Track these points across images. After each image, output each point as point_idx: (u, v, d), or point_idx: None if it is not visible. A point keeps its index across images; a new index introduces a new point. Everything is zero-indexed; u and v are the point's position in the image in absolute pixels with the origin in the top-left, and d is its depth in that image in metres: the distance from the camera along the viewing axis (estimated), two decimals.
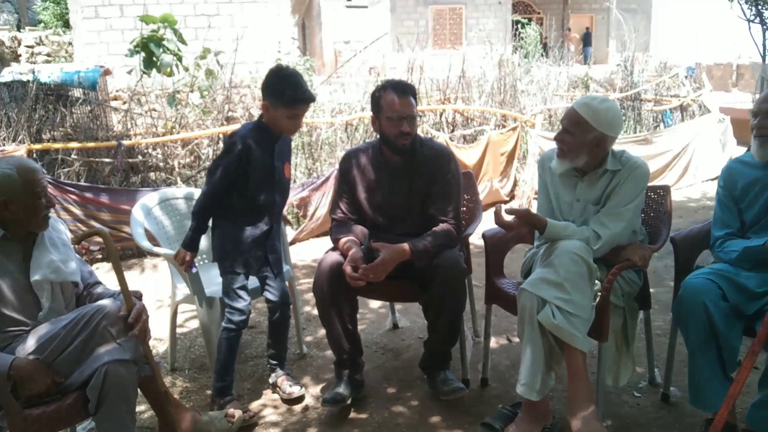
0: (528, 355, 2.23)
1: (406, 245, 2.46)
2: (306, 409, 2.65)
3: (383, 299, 3.44)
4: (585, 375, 2.16)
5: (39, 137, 5.02)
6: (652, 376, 2.72)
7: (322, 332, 3.06)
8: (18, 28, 16.74)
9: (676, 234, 2.52)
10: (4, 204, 1.95)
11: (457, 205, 2.66)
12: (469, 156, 6.20)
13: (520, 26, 8.49)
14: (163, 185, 5.01)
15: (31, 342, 1.94)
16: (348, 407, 2.60)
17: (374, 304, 3.76)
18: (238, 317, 2.55)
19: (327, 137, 6.00)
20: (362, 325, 3.48)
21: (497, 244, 2.74)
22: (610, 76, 8.37)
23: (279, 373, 2.76)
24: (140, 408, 2.60)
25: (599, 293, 2.27)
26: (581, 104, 2.33)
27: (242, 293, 2.56)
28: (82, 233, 2.41)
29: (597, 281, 2.28)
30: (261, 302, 3.18)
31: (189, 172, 5.37)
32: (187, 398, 2.79)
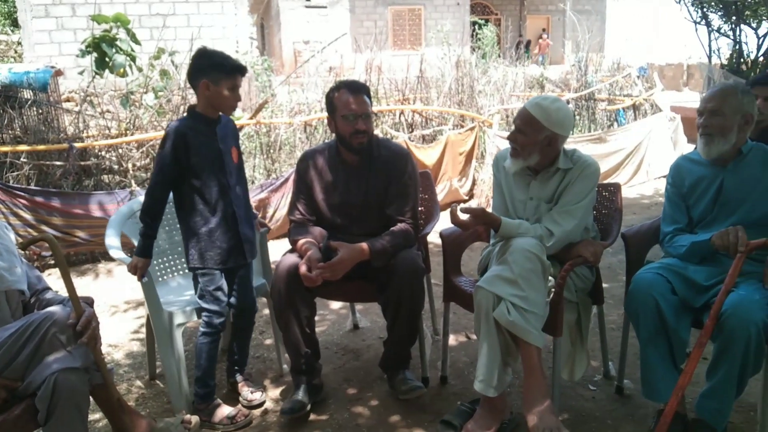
0: (485, 352, 2.26)
1: (365, 245, 2.47)
2: (266, 413, 2.62)
3: (342, 300, 3.44)
4: (540, 370, 2.20)
5: None
6: (607, 370, 2.79)
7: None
8: None
9: (627, 230, 2.59)
10: None
11: (415, 205, 2.68)
12: (429, 156, 6.24)
13: (477, 27, 8.59)
14: (117, 188, 4.90)
15: None
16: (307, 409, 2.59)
17: (335, 305, 3.75)
18: (218, 319, 2.52)
19: (286, 138, 5.96)
20: (322, 327, 3.47)
21: (454, 243, 2.76)
22: (566, 77, 8.54)
23: (239, 378, 2.73)
24: (94, 416, 2.54)
25: (553, 289, 2.31)
26: (533, 104, 2.37)
27: (219, 294, 2.52)
28: (28, 239, 2.33)
29: (551, 277, 2.32)
30: None
31: (144, 175, 5.26)
32: (144, 405, 2.73)
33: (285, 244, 2.74)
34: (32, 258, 3.95)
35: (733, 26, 4.92)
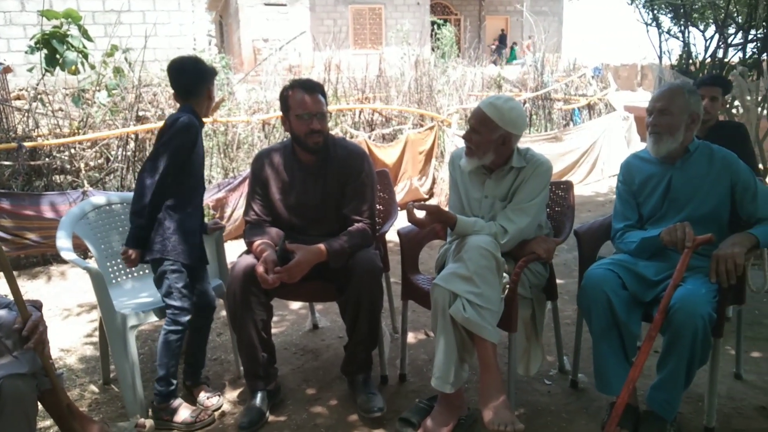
0: (441, 349, 2.28)
1: (322, 246, 2.45)
2: (223, 416, 2.59)
3: (301, 300, 3.42)
4: (495, 366, 2.23)
5: None
6: (562, 364, 2.84)
7: None
8: None
9: (579, 227, 2.64)
10: None
11: (372, 205, 2.68)
12: (389, 155, 6.26)
13: (437, 27, 8.65)
14: (69, 189, 4.77)
15: None
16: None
17: (294, 305, 3.73)
18: (185, 317, 2.48)
19: (245, 137, 5.90)
20: (281, 327, 3.45)
21: (412, 242, 2.77)
22: (523, 77, 8.66)
23: (196, 382, 2.69)
24: (45, 423, 2.47)
25: (507, 286, 2.34)
26: (487, 104, 2.40)
27: (186, 291, 2.49)
28: None
29: (505, 274, 2.35)
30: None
31: (97, 175, 5.14)
32: (98, 410, 2.67)
33: (243, 245, 2.70)
34: None
35: (683, 28, 5.07)
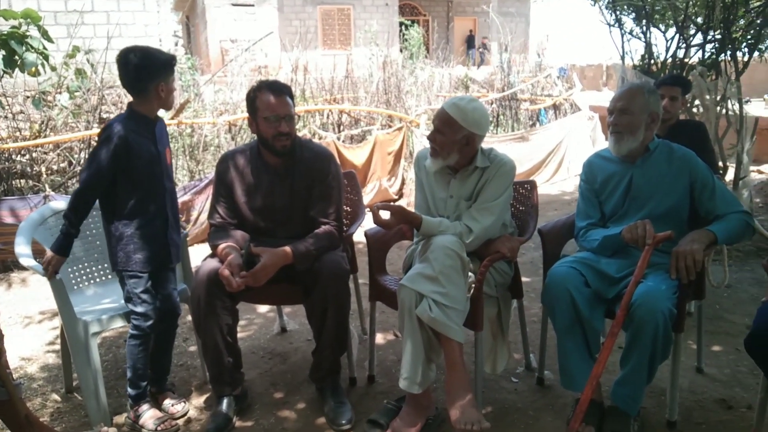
0: (408, 349, 2.28)
1: (288, 248, 2.43)
2: (189, 422, 2.55)
3: (267, 303, 3.39)
4: (462, 365, 2.24)
5: None
6: (528, 362, 2.87)
7: None
8: None
9: (543, 226, 2.67)
10: None
11: (339, 207, 2.66)
12: (357, 156, 6.26)
13: (404, 28, 8.68)
14: (30, 193, 4.66)
15: None
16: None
17: (262, 309, 3.70)
18: (146, 322, 2.43)
19: (211, 138, 5.83)
20: (249, 331, 3.42)
21: (379, 243, 2.77)
22: (490, 77, 8.74)
23: (161, 389, 2.65)
24: None
25: (473, 285, 2.35)
26: (450, 105, 2.41)
27: (146, 296, 2.44)
28: None
29: (471, 273, 2.37)
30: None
31: (59, 179, 5.03)
32: (60, 419, 2.61)
33: (209, 248, 2.66)
34: None
35: (644, 29, 5.17)
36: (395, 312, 2.64)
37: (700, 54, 4.94)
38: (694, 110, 4.52)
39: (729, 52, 4.80)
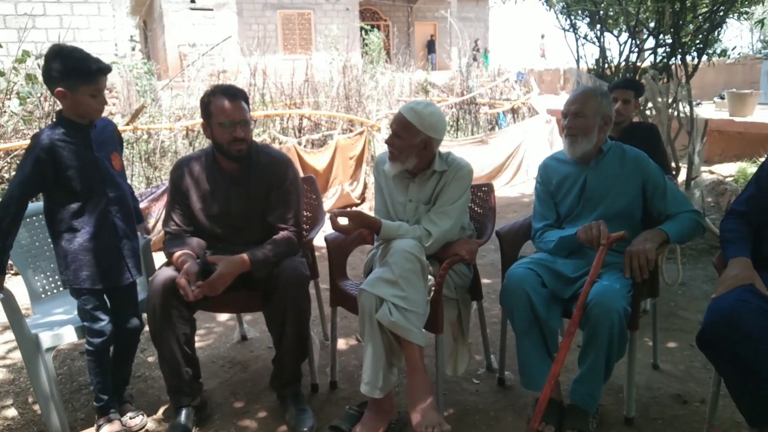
0: (369, 354, 2.27)
1: (245, 256, 2.39)
2: None
3: (226, 311, 3.34)
4: (422, 368, 2.24)
5: None
6: (489, 363, 2.89)
7: None
8: None
9: (501, 228, 2.70)
10: None
11: (298, 212, 2.64)
12: (319, 161, 6.24)
13: (365, 33, 8.69)
14: None
15: None
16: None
17: (222, 317, 3.64)
18: (99, 339, 2.36)
19: (169, 144, 5.74)
20: (208, 340, 3.36)
21: (339, 247, 2.76)
22: (450, 82, 8.82)
23: (119, 400, 2.58)
24: None
25: (433, 288, 2.36)
26: (407, 109, 2.42)
27: (98, 313, 2.36)
28: None
29: (430, 276, 2.38)
30: None
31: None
32: None
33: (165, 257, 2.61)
34: None
35: (598, 34, 5.28)
36: (357, 317, 2.64)
37: (652, 58, 5.08)
38: (647, 113, 4.63)
39: (679, 56, 4.94)
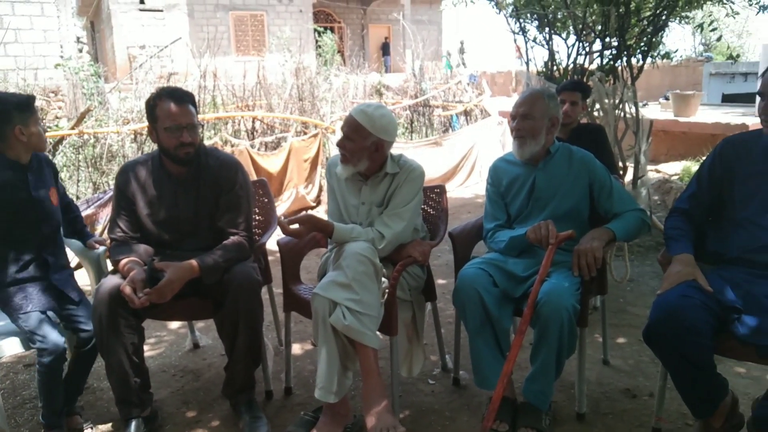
0: (323, 358, 2.26)
1: (194, 262, 2.34)
2: None
3: (175, 319, 3.27)
4: (377, 371, 2.23)
5: None
6: (444, 363, 2.90)
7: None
8: None
9: (453, 229, 2.72)
10: None
11: (248, 216, 2.60)
12: (272, 163, 6.17)
13: (318, 35, 8.65)
14: None
15: None
16: None
17: (173, 325, 3.56)
18: (48, 358, 2.27)
19: (117, 149, 5.59)
20: (159, 349, 3.28)
21: (292, 251, 2.73)
22: (404, 84, 8.86)
23: (70, 410, 2.50)
24: None
25: (387, 290, 2.36)
26: (358, 111, 2.41)
27: (41, 334, 2.27)
28: None
29: (384, 279, 2.37)
30: None
31: None
32: None
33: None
34: None
35: (547, 37, 5.38)
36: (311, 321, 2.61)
37: (599, 60, 5.20)
38: (595, 114, 4.74)
39: (625, 59, 5.08)
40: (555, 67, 5.37)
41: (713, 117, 8.65)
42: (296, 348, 3.19)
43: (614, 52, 5.10)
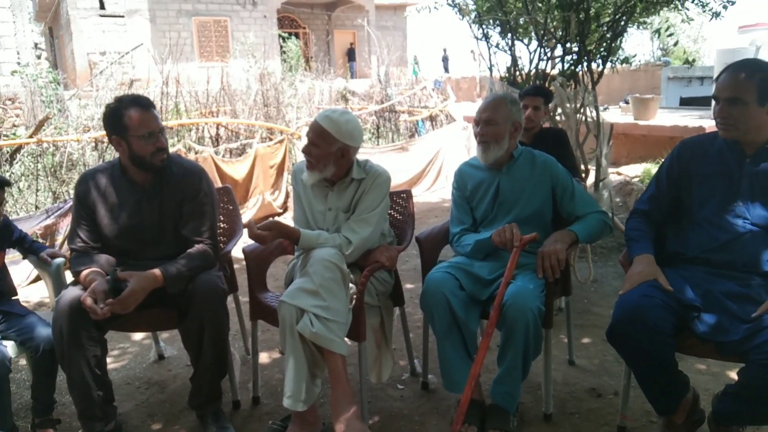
0: (291, 367, 2.24)
1: (157, 271, 2.30)
2: None
3: (139, 330, 3.21)
4: (345, 378, 2.23)
5: None
6: (413, 367, 2.91)
7: None
8: None
9: (420, 233, 2.73)
10: None
11: (213, 224, 2.56)
12: (238, 170, 6.12)
13: (282, 40, 8.61)
14: None
15: None
16: None
17: (137, 336, 3.49)
18: None
19: (77, 157, 5.47)
20: (123, 360, 3.21)
21: (258, 259, 2.70)
22: (370, 90, 8.88)
23: (42, 423, 2.43)
24: None
25: (354, 296, 2.35)
26: (323, 117, 2.41)
27: None
28: None
29: (352, 285, 2.37)
30: None
31: None
32: None
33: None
34: None
35: (510, 43, 5.45)
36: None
37: (561, 65, 5.29)
38: (557, 118, 4.82)
39: (585, 64, 5.17)
40: (518, 73, 5.44)
41: (672, 120, 8.86)
42: (264, 357, 3.16)
43: (575, 58, 5.19)
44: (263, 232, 2.32)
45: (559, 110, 4.79)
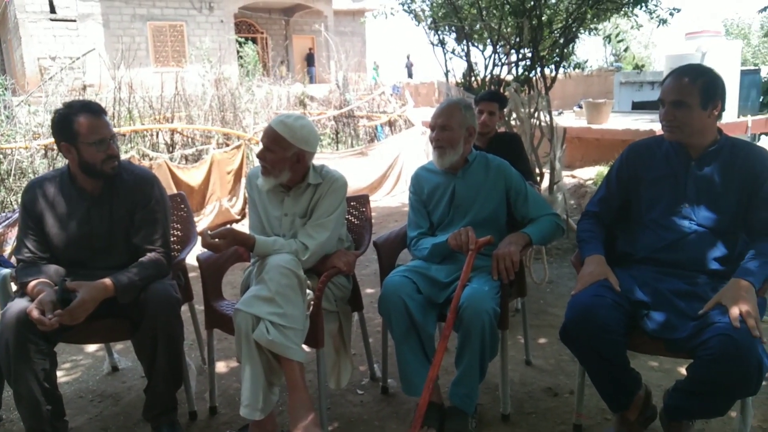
0: (248, 375, 2.21)
1: (108, 281, 2.24)
2: None
3: (91, 342, 3.12)
4: (303, 385, 2.21)
5: None
6: (373, 372, 2.91)
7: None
8: None
9: (378, 238, 2.73)
10: None
11: (166, 232, 2.52)
12: (193, 176, 6.03)
13: (239, 45, 8.53)
14: None
15: None
16: None
17: (89, 348, 3.40)
18: None
19: (26, 165, 5.31)
20: (75, 373, 3.12)
21: (213, 267, 2.66)
22: (329, 95, 8.86)
23: None
24: None
25: (312, 302, 2.34)
26: (278, 122, 2.40)
27: None
28: None
29: (309, 291, 2.35)
30: None
31: None
32: None
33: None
34: None
35: (465, 48, 5.53)
36: None
37: (515, 71, 5.38)
38: (512, 123, 4.90)
39: (539, 69, 5.27)
40: (473, 78, 5.51)
41: (624, 124, 9.07)
42: (221, 366, 3.11)
43: (529, 63, 5.29)
44: (217, 241, 2.29)
45: (514, 115, 4.87)
